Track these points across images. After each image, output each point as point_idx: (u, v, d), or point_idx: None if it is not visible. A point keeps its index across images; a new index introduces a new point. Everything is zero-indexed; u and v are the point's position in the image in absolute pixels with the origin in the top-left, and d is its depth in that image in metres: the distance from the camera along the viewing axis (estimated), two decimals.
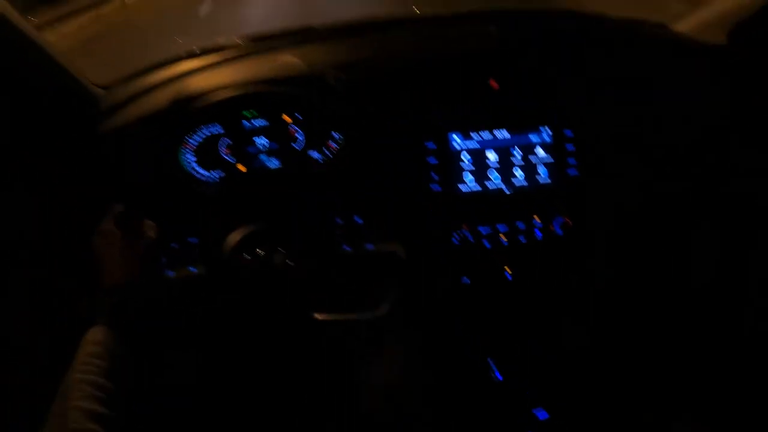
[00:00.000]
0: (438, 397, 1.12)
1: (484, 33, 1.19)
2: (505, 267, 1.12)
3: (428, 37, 1.17)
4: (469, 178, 1.07)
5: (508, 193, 1.08)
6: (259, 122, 1.06)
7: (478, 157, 1.06)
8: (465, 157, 1.06)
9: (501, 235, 1.09)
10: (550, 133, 1.08)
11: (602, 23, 1.34)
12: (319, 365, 1.08)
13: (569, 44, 1.20)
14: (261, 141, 1.07)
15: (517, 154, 1.08)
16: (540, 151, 1.08)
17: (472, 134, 1.05)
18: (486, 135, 1.06)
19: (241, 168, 1.07)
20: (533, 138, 1.08)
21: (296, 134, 1.06)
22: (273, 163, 1.07)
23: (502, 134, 1.06)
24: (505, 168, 1.08)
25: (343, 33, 1.21)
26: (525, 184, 1.09)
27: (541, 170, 1.09)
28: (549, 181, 1.09)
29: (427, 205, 1.04)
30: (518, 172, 1.08)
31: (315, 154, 1.07)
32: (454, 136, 1.05)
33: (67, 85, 1.04)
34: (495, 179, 1.08)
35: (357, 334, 1.00)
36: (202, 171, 1.08)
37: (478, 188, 1.07)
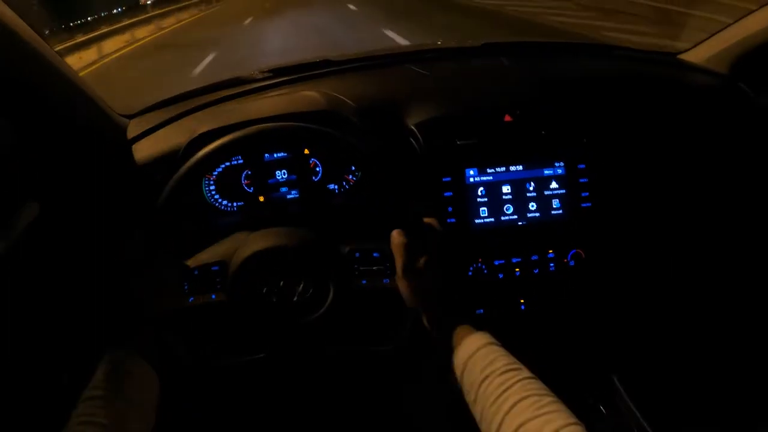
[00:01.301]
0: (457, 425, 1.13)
1: (497, 65, 1.22)
2: (519, 298, 1.13)
3: (444, 69, 1.20)
4: (483, 211, 1.09)
5: (521, 225, 1.10)
6: (279, 155, 1.08)
7: (492, 190, 1.08)
8: (480, 191, 1.08)
9: (515, 267, 1.10)
10: (564, 166, 1.10)
11: (614, 54, 1.37)
12: (332, 397, 1.10)
13: (582, 76, 1.23)
14: (281, 173, 1.09)
15: (531, 187, 1.10)
16: (553, 184, 1.10)
17: (487, 170, 1.07)
18: (501, 169, 1.08)
19: (260, 198, 1.10)
20: (547, 172, 1.09)
21: (316, 167, 1.08)
22: (292, 195, 1.10)
23: (517, 169, 1.08)
24: (519, 201, 1.10)
25: (359, 65, 1.23)
26: (538, 215, 1.11)
27: (555, 203, 1.11)
28: (562, 212, 1.11)
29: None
30: (532, 205, 1.10)
31: (332, 186, 1.09)
32: (470, 171, 1.07)
33: (92, 114, 1.07)
34: (509, 212, 1.10)
35: (370, 367, 1.02)
36: (222, 201, 1.10)
37: (492, 221, 1.09)
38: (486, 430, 0.65)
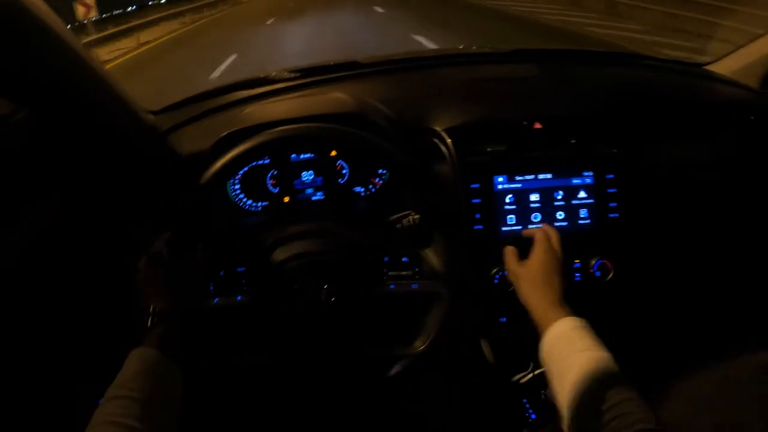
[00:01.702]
0: None
1: (527, 72, 1.20)
2: None
3: (474, 74, 1.19)
4: (510, 218, 1.08)
5: None
6: (305, 156, 1.07)
7: (520, 198, 1.07)
8: (508, 198, 1.07)
9: None
10: (592, 176, 1.09)
11: (642, 63, 1.36)
12: (357, 400, 1.09)
13: (611, 85, 1.21)
14: (307, 174, 1.08)
15: (559, 196, 1.08)
16: (581, 193, 1.09)
17: (516, 177, 1.06)
18: (530, 177, 1.07)
19: (285, 199, 1.09)
20: (576, 181, 1.08)
21: (342, 169, 1.08)
22: (317, 196, 1.09)
23: (546, 177, 1.07)
24: (546, 209, 1.08)
25: (388, 68, 1.22)
26: (566, 224, 1.09)
27: (582, 212, 1.09)
28: (589, 222, 1.10)
29: (470, 244, 1.05)
30: (559, 214, 1.09)
31: (358, 189, 1.09)
32: (499, 178, 1.06)
33: (120, 109, 1.06)
34: (536, 220, 1.08)
35: (396, 371, 1.01)
36: (247, 200, 1.10)
37: (520, 229, 1.08)
38: (558, 398, 0.74)
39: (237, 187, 1.09)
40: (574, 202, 1.09)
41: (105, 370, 0.79)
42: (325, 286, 0.93)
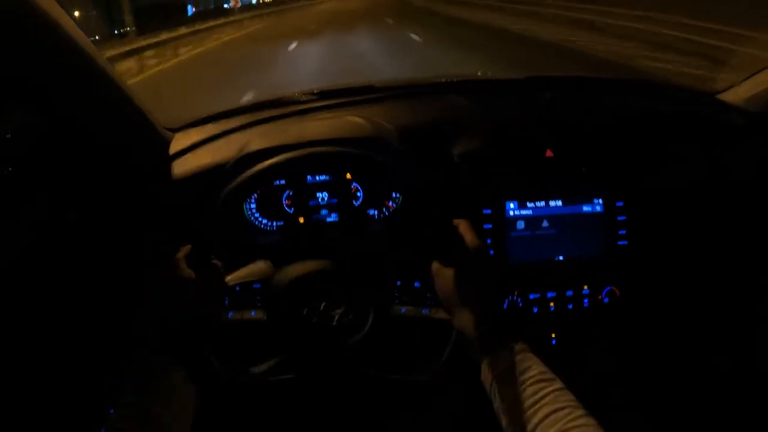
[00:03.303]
0: None
1: (540, 99, 1.22)
2: (551, 332, 1.13)
3: (488, 100, 1.21)
4: (521, 244, 1.09)
5: (558, 260, 1.10)
6: (321, 177, 1.10)
7: (531, 224, 1.09)
8: (519, 224, 1.08)
9: (549, 301, 1.10)
10: (602, 203, 1.10)
11: (654, 92, 1.37)
12: (361, 422, 1.10)
13: (623, 114, 1.23)
14: (322, 195, 1.10)
15: (570, 222, 1.10)
16: (591, 220, 1.10)
17: (527, 203, 1.08)
18: (541, 204, 1.08)
19: (300, 219, 1.11)
20: (586, 208, 1.10)
21: (357, 192, 1.10)
22: (331, 218, 1.11)
23: (557, 204, 1.09)
24: (556, 236, 1.10)
25: (402, 93, 1.25)
26: (575, 252, 1.11)
27: (592, 239, 1.11)
28: (599, 249, 1.11)
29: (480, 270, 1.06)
30: (569, 241, 1.10)
31: (372, 212, 1.11)
32: (510, 204, 1.07)
33: (138, 126, 1.08)
34: (546, 247, 1.10)
35: (402, 395, 1.02)
36: (262, 219, 1.12)
37: (529, 255, 1.09)
38: None
39: (253, 206, 1.11)
40: (584, 229, 1.10)
41: (102, 371, 0.79)
42: (338, 307, 0.95)
